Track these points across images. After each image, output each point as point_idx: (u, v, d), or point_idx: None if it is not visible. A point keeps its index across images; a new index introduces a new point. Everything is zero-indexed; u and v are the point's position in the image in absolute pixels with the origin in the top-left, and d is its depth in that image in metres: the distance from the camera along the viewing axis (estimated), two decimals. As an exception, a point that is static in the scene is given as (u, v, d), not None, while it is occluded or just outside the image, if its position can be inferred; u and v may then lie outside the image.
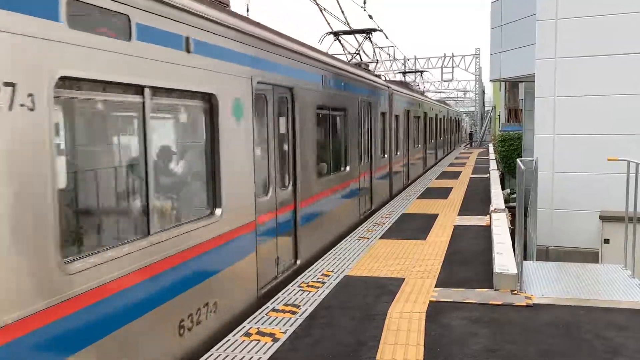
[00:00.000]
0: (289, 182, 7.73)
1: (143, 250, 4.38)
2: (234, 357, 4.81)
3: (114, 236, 4.48)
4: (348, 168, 10.88)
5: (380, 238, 9.69)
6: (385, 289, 6.71)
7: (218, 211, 5.60)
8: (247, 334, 5.33)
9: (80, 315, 3.72)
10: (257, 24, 6.81)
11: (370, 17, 26.27)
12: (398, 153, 16.84)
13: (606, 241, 12.18)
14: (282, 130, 7.52)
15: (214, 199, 5.62)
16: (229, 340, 5.21)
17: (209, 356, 4.86)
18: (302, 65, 8.07)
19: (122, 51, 4.11)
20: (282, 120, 7.53)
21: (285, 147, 7.68)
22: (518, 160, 8.53)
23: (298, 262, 7.84)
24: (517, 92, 30.76)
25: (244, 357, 4.83)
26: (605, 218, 12.29)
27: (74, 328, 3.68)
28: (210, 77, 5.39)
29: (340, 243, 9.33)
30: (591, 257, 12.25)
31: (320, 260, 8.17)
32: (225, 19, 5.71)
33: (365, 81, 12.50)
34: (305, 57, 8.29)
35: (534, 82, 13.73)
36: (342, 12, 18.86)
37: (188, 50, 4.97)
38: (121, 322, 4.15)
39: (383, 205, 13.86)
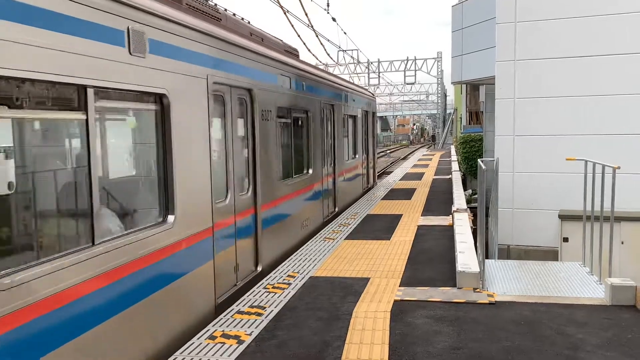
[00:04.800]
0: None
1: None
2: (198, 360, 4.75)
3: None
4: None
5: (346, 239, 9.72)
6: (350, 289, 6.72)
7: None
8: (212, 337, 5.28)
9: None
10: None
11: (334, 19, 26.35)
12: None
13: (565, 239, 12.45)
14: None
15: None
16: (193, 343, 5.14)
17: (173, 359, 4.81)
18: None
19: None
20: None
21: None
22: (479, 160, 8.66)
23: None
24: (478, 94, 31.24)
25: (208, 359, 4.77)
26: (564, 217, 12.56)
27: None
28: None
29: (306, 244, 9.31)
30: (551, 255, 12.50)
31: (285, 262, 8.14)
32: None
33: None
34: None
35: (494, 84, 13.96)
36: (306, 14, 18.87)
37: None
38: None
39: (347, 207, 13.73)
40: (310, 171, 10.63)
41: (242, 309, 6.07)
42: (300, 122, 10.21)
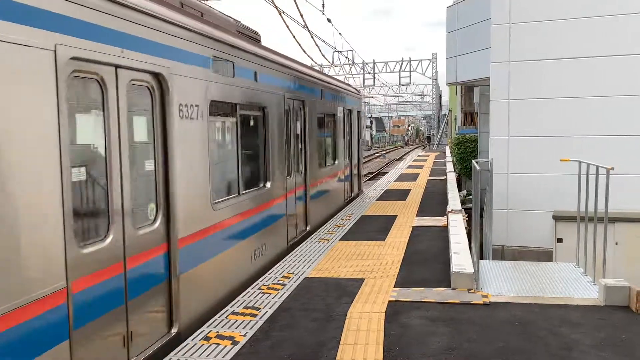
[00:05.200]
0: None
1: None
2: (192, 362, 4.74)
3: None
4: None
5: (341, 239, 9.72)
6: (345, 290, 6.72)
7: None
8: (207, 338, 5.27)
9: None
10: None
11: (329, 20, 26.38)
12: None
13: (559, 240, 12.48)
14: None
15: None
16: (187, 344, 5.13)
17: (168, 359, 4.78)
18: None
19: None
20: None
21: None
22: (473, 161, 8.67)
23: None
24: (472, 95, 31.28)
25: (203, 361, 4.76)
26: (558, 218, 12.58)
27: None
28: None
29: (300, 245, 9.30)
30: (545, 255, 12.52)
31: (280, 263, 8.14)
32: None
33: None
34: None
35: (488, 85, 13.98)
36: (301, 15, 18.89)
37: None
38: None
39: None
40: (268, 184, 8.37)
41: (237, 309, 6.06)
42: (252, 122, 8.04)
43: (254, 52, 7.78)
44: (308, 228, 10.67)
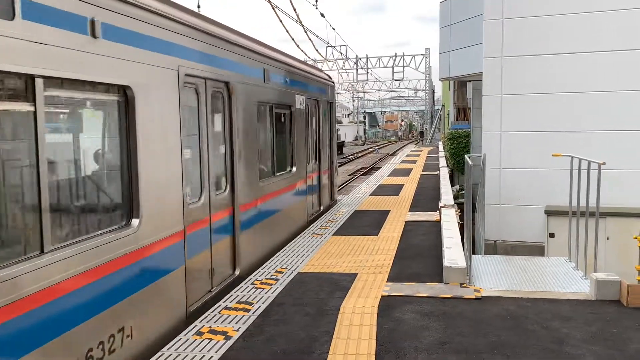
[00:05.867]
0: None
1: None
2: (185, 357, 4.74)
3: None
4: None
5: (334, 234, 9.73)
6: (338, 285, 6.74)
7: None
8: (199, 333, 5.27)
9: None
10: None
11: (322, 15, 26.34)
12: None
13: (551, 235, 12.55)
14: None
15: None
16: (180, 339, 5.13)
17: (160, 356, 4.78)
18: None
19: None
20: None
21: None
22: (466, 156, 8.70)
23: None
24: (465, 90, 31.36)
25: (195, 356, 4.76)
26: (550, 212, 12.65)
27: None
28: None
29: (294, 240, 9.31)
30: (537, 250, 12.60)
31: (273, 258, 8.14)
32: None
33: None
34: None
35: (481, 80, 14.02)
36: (295, 9, 18.86)
37: None
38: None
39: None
40: (138, 223, 4.96)
41: (230, 304, 6.07)
42: (101, 115, 5.01)
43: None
44: (237, 271, 7.24)
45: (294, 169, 10.20)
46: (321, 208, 12.42)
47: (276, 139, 9.31)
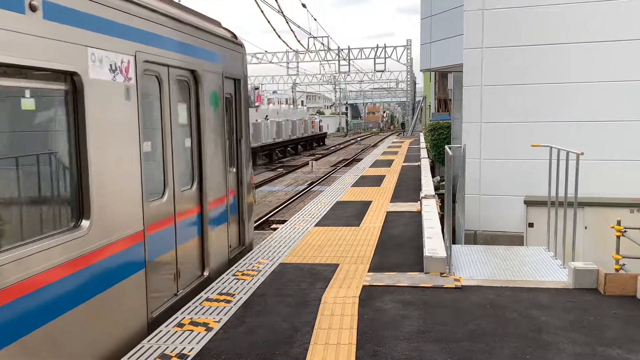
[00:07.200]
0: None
1: None
2: (165, 348, 4.72)
3: None
4: None
5: (316, 225, 9.74)
6: (319, 275, 6.75)
7: None
8: (180, 325, 5.25)
9: None
10: None
11: (304, 5, 26.25)
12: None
13: (530, 225, 12.67)
14: None
15: None
16: (161, 331, 5.11)
17: (140, 348, 4.75)
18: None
19: None
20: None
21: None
22: (446, 147, 8.73)
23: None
24: (446, 82, 31.46)
25: (176, 347, 4.75)
26: (529, 203, 12.76)
27: None
28: None
29: (275, 231, 9.30)
30: (517, 240, 12.71)
31: (255, 249, 8.13)
32: None
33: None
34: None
35: (462, 72, 14.07)
36: (276, 0, 18.75)
37: None
38: None
39: None
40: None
41: (211, 296, 6.05)
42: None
43: None
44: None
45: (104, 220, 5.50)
46: (205, 273, 6.87)
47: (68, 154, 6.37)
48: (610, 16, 12.35)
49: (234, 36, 8.27)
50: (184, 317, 5.43)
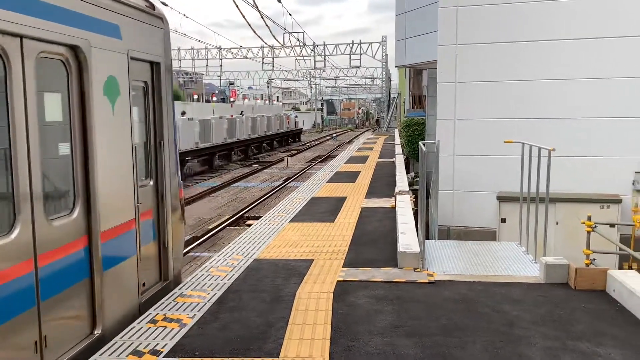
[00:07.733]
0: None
1: None
2: (138, 345, 4.68)
3: None
4: None
5: (291, 221, 9.73)
6: (294, 271, 6.75)
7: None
8: (153, 321, 5.21)
9: None
10: None
11: (279, 1, 26.14)
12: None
13: (503, 220, 12.81)
14: None
15: None
16: (133, 327, 5.06)
17: (112, 344, 4.70)
18: None
19: None
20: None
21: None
22: (420, 143, 8.79)
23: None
24: (421, 78, 31.64)
25: (149, 344, 4.71)
26: (502, 198, 12.90)
27: None
28: None
29: (250, 227, 9.28)
30: (490, 235, 12.84)
31: (229, 245, 8.10)
32: None
33: None
34: None
35: (436, 68, 14.15)
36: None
37: None
38: None
39: None
40: None
41: (185, 292, 6.01)
42: None
43: None
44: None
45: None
46: (96, 331, 4.97)
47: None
48: (579, 14, 12.53)
49: (151, 6, 6.02)
50: (157, 314, 5.38)
